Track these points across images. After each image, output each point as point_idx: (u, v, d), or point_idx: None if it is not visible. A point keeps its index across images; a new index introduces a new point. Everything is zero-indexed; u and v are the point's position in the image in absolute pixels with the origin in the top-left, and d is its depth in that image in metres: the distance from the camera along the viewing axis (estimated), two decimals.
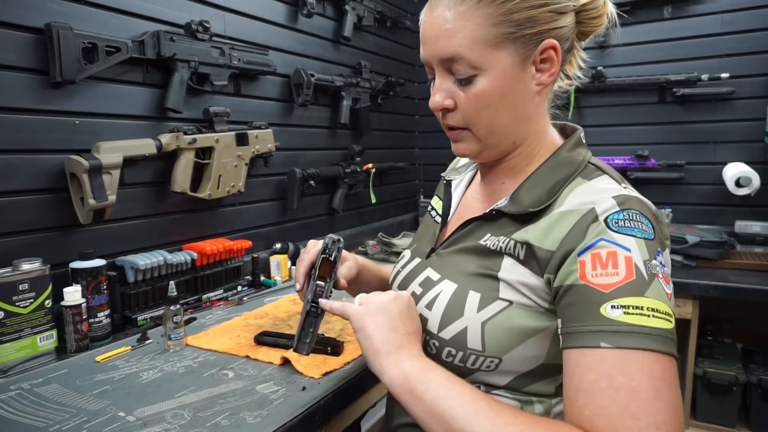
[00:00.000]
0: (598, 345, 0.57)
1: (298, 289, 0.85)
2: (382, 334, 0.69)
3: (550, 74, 0.71)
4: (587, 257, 0.61)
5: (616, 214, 0.62)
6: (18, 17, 1.14)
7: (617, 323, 0.57)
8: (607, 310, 0.58)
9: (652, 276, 0.59)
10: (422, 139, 3.00)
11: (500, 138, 0.73)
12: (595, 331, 0.58)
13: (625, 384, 0.54)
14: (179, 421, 0.82)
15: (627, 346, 0.56)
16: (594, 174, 0.71)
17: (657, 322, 0.56)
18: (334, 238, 0.86)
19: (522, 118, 0.73)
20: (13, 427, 0.82)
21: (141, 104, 1.42)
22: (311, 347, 0.82)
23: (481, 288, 0.70)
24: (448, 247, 0.79)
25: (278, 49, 1.87)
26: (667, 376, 0.55)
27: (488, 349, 0.67)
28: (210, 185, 1.56)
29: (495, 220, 0.74)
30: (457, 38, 0.67)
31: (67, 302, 1.11)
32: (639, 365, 0.55)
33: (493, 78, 0.68)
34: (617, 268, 0.59)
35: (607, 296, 0.58)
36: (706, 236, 1.99)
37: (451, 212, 0.87)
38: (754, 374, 1.92)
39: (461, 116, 0.72)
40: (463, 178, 0.91)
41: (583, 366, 0.58)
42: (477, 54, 0.67)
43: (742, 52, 2.22)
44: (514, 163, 0.77)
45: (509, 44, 0.67)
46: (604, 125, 2.51)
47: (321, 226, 2.17)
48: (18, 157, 1.16)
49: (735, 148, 2.27)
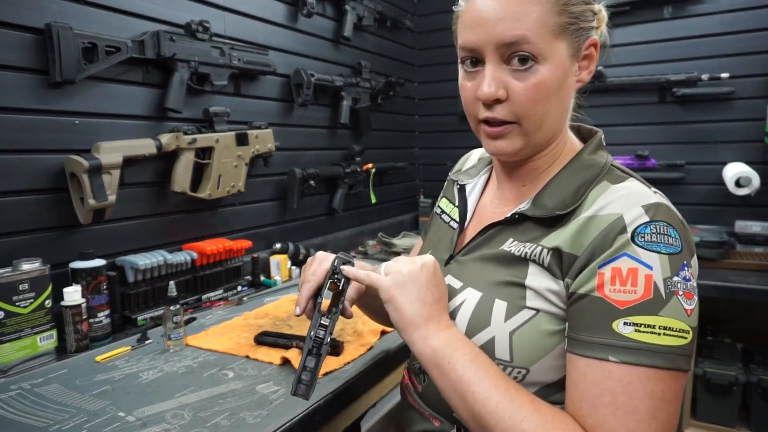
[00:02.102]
0: (607, 358, 0.59)
1: (298, 314, 0.78)
2: (412, 306, 0.69)
3: (589, 72, 0.71)
4: (607, 270, 0.60)
5: (643, 228, 0.61)
6: (18, 17, 1.14)
7: (627, 339, 0.58)
8: (619, 326, 0.59)
9: (671, 294, 0.59)
10: (422, 139, 3.00)
11: (546, 133, 0.70)
12: (605, 344, 0.59)
13: (626, 403, 0.57)
14: (179, 421, 0.82)
15: (633, 362, 0.57)
16: (620, 177, 0.68)
17: (668, 340, 0.58)
18: (344, 259, 0.77)
19: (564, 113, 0.72)
20: (13, 427, 0.82)
21: (141, 104, 1.42)
22: (312, 390, 0.71)
23: (508, 297, 0.68)
24: (468, 253, 0.77)
25: (278, 49, 1.87)
26: (667, 395, 0.58)
27: (516, 360, 0.66)
28: (210, 185, 1.56)
29: (518, 225, 0.72)
30: (527, 21, 0.64)
31: (67, 302, 1.11)
32: (642, 384, 0.57)
33: (553, 68, 0.66)
34: (636, 286, 0.59)
35: (622, 313, 0.59)
36: (706, 236, 1.99)
37: (468, 217, 0.84)
38: (754, 374, 1.92)
39: (513, 109, 0.67)
40: (477, 181, 0.87)
41: (590, 378, 0.60)
42: (544, 40, 0.64)
43: (742, 52, 2.22)
44: (538, 164, 0.75)
45: (567, 36, 0.66)
46: (604, 125, 2.46)
47: (321, 226, 2.17)
48: (18, 157, 1.16)
49: (735, 148, 2.27)
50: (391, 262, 0.74)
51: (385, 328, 1.20)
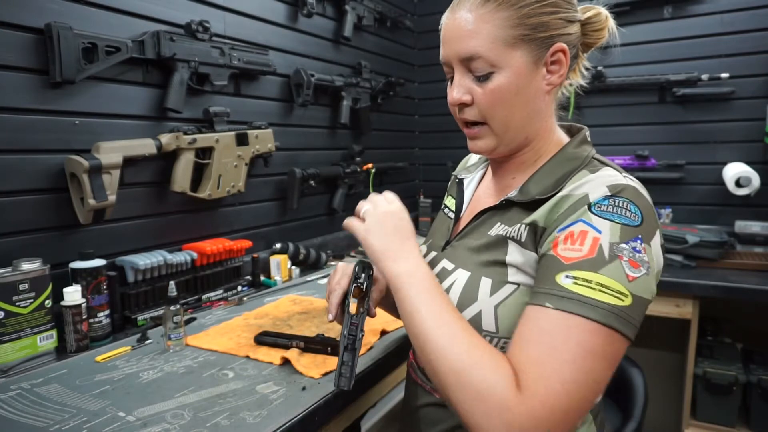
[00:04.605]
0: (544, 304, 0.64)
1: (331, 320, 0.88)
2: (381, 242, 0.79)
3: (560, 75, 0.77)
4: (563, 234, 0.68)
5: (602, 200, 0.68)
6: (18, 17, 1.14)
7: (564, 290, 0.63)
8: (561, 279, 0.64)
9: (614, 257, 0.64)
10: (422, 139, 3.00)
11: (515, 133, 0.78)
12: (545, 293, 0.65)
13: (554, 346, 0.61)
14: (179, 421, 0.82)
15: (566, 309, 0.62)
16: (598, 167, 0.75)
17: (602, 296, 0.62)
18: (365, 264, 0.87)
19: (534, 115, 0.78)
20: (13, 427, 0.82)
21: (141, 104, 1.42)
22: (352, 381, 0.80)
23: (492, 274, 0.75)
24: (462, 239, 0.85)
25: (278, 49, 1.87)
26: (597, 349, 0.61)
27: (501, 331, 0.72)
28: (210, 185, 1.56)
29: (506, 211, 0.79)
30: (478, 38, 0.73)
31: (67, 302, 1.11)
32: (572, 332, 0.61)
33: (509, 75, 0.74)
34: (583, 246, 0.65)
35: (565, 267, 0.65)
36: (706, 236, 1.98)
37: (463, 208, 0.92)
38: (754, 374, 1.92)
39: (478, 111, 0.77)
40: (474, 176, 0.96)
41: (530, 319, 0.65)
42: (495, 53, 0.73)
43: (742, 52, 2.22)
44: (524, 158, 0.82)
45: (524, 45, 0.74)
46: (604, 125, 2.51)
47: (321, 226, 2.17)
48: (18, 157, 1.16)
49: (735, 148, 2.27)
50: (367, 204, 0.85)
51: (385, 328, 1.20)
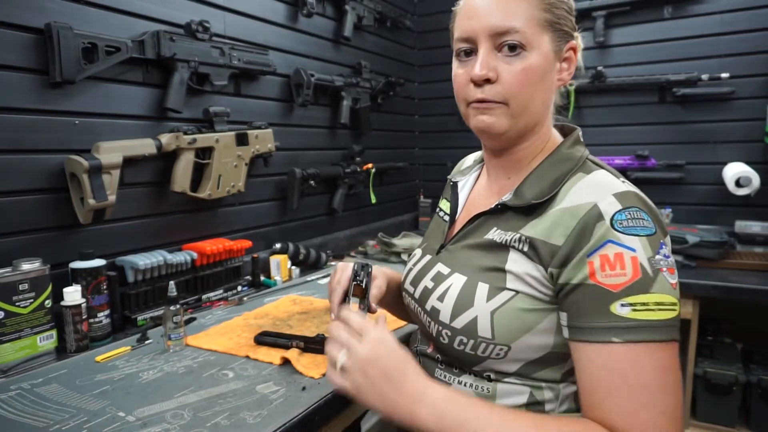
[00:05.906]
0: (610, 340, 0.62)
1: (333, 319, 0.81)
2: (380, 401, 0.66)
3: (569, 73, 0.78)
4: (596, 259, 0.64)
5: (619, 215, 0.66)
6: (18, 17, 1.14)
7: (626, 320, 0.62)
8: (617, 308, 0.62)
9: (657, 272, 0.63)
10: (422, 139, 3.00)
11: (529, 117, 0.76)
12: (606, 327, 0.63)
13: (636, 381, 0.61)
14: (179, 421, 0.82)
15: (636, 339, 0.61)
16: (592, 169, 0.74)
17: (662, 314, 0.62)
18: (363, 264, 0.88)
19: (546, 106, 0.78)
20: (13, 427, 0.82)
21: (141, 104, 1.42)
22: None
23: (490, 279, 0.73)
24: (457, 242, 0.83)
25: (278, 49, 1.87)
26: (670, 362, 0.62)
27: (497, 337, 0.70)
28: (210, 185, 1.56)
29: (501, 215, 0.78)
30: (516, 14, 0.71)
31: (67, 302, 1.11)
32: (648, 359, 0.61)
33: (539, 58, 0.73)
34: (624, 269, 0.63)
35: (617, 295, 0.63)
36: (706, 236, 1.99)
37: (458, 211, 0.90)
38: (754, 374, 1.92)
39: (501, 90, 0.73)
40: (469, 178, 0.94)
41: (599, 363, 0.63)
42: (531, 31, 0.72)
43: (742, 52, 2.22)
44: (521, 155, 0.80)
45: (551, 32, 0.74)
46: (604, 125, 2.51)
47: (321, 226, 2.17)
48: (18, 157, 1.16)
49: (735, 148, 2.27)
50: (341, 353, 0.69)
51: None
